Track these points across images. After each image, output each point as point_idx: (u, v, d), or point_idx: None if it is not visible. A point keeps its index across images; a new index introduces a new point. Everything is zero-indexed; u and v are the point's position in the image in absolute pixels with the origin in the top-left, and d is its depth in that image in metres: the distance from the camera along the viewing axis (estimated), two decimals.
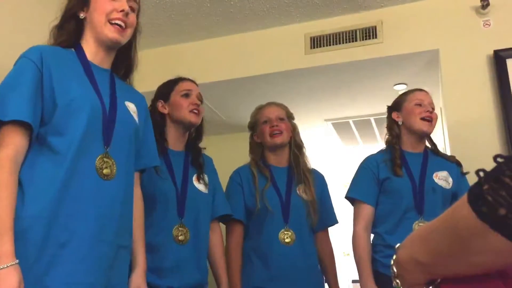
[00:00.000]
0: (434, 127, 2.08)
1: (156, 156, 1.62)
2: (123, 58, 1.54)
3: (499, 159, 0.41)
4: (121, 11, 1.40)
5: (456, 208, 0.45)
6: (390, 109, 2.18)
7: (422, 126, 2.03)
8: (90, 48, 1.43)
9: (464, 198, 0.43)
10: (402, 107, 2.12)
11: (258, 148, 2.22)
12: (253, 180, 2.11)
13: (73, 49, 1.43)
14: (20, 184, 1.22)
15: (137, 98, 1.57)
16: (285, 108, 2.25)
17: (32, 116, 1.24)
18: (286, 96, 3.32)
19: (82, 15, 1.42)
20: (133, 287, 1.45)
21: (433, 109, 2.08)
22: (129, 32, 1.46)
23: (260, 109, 2.26)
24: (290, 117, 2.25)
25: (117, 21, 1.41)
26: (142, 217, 1.55)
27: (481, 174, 0.43)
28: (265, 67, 3.15)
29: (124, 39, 1.45)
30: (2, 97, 1.24)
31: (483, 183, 0.41)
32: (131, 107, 1.49)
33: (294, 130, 2.23)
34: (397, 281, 0.55)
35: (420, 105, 2.06)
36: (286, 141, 2.17)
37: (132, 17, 1.45)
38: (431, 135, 2.16)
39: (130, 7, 1.44)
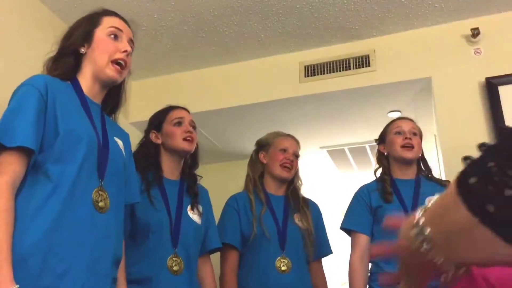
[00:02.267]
0: (418, 152, 2.09)
1: (137, 193, 1.63)
2: (112, 95, 1.57)
3: (482, 148, 0.42)
4: (124, 51, 1.46)
5: (447, 194, 0.45)
6: (378, 142, 2.22)
7: (402, 153, 2.06)
8: (86, 82, 1.46)
9: (452, 187, 0.43)
10: (385, 138, 2.17)
11: (259, 167, 2.22)
12: (250, 206, 2.10)
13: (69, 82, 1.45)
14: (15, 211, 1.21)
15: (123, 136, 1.59)
16: (299, 147, 2.29)
17: (35, 143, 1.25)
18: (281, 124, 3.34)
19: (83, 50, 1.45)
20: None
21: (415, 134, 2.10)
22: (125, 72, 1.51)
23: (281, 135, 2.29)
24: (299, 155, 2.29)
25: (119, 61, 1.46)
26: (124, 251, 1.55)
27: (468, 162, 0.43)
28: (260, 96, 3.17)
29: (121, 78, 1.50)
30: (8, 123, 1.25)
31: (471, 175, 0.41)
32: (120, 143, 1.52)
33: (297, 170, 2.27)
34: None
35: (399, 133, 2.10)
36: (291, 178, 2.20)
37: (129, 58, 1.50)
38: (427, 160, 2.17)
39: (131, 48, 1.51)
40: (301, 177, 2.31)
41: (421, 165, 2.16)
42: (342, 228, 2.13)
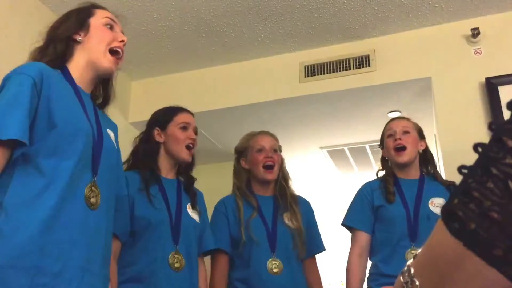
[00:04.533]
0: (411, 151, 2.05)
1: (124, 186, 1.61)
2: (102, 88, 1.54)
3: (463, 170, 0.40)
4: (121, 41, 1.45)
5: (435, 227, 0.42)
6: (381, 147, 2.21)
7: (395, 158, 2.05)
8: (78, 71, 1.42)
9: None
10: (383, 142, 2.16)
11: (244, 174, 2.19)
12: (238, 211, 2.07)
13: (58, 70, 1.40)
14: (4, 207, 1.18)
15: (113, 127, 1.55)
16: (277, 139, 2.25)
17: (28, 136, 1.21)
18: (281, 124, 3.34)
19: (79, 38, 1.42)
20: None
21: (407, 132, 2.07)
22: (120, 63, 1.48)
23: (253, 135, 2.24)
24: (280, 148, 2.25)
25: (117, 49, 1.44)
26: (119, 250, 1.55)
27: (451, 188, 0.41)
28: (260, 96, 3.17)
29: (115, 70, 1.47)
30: (3, 115, 1.21)
31: (453, 198, 0.39)
32: (112, 135, 1.49)
33: (282, 163, 2.23)
34: None
35: (391, 135, 2.08)
36: (277, 176, 2.16)
37: (124, 50, 1.48)
38: (432, 154, 2.16)
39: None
40: (288, 170, 2.26)
41: (426, 161, 2.12)
42: (343, 224, 2.13)
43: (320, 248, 2.23)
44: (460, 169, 0.40)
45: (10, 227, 1.16)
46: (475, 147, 0.40)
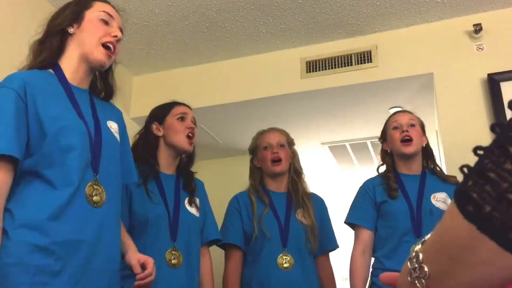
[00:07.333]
0: (418, 144, 2.06)
1: (135, 172, 1.61)
2: (101, 82, 1.53)
3: (479, 151, 0.38)
4: (114, 36, 1.42)
5: (447, 211, 0.41)
6: (381, 140, 2.21)
7: (402, 149, 2.05)
8: (71, 66, 1.40)
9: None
10: (386, 135, 2.16)
11: (257, 173, 2.23)
12: (251, 206, 2.10)
13: (51, 70, 1.39)
14: (10, 211, 1.20)
15: (116, 115, 1.54)
16: (286, 134, 2.27)
17: (19, 150, 1.20)
18: (282, 120, 3.33)
19: (71, 30, 1.40)
20: (135, 262, 1.43)
21: (413, 125, 2.08)
22: (113, 58, 1.46)
23: (261, 134, 2.28)
24: (290, 143, 2.27)
25: (108, 44, 1.41)
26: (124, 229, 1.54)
27: (465, 170, 0.39)
28: (261, 91, 3.17)
29: (109, 63, 1.45)
30: None
31: (467, 180, 0.38)
32: (114, 127, 1.47)
33: (294, 157, 2.25)
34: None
35: (396, 127, 2.09)
36: (286, 169, 2.19)
37: (118, 45, 1.46)
38: (432, 149, 2.16)
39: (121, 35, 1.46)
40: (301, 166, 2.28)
41: (427, 156, 2.13)
42: (346, 222, 2.13)
43: (333, 245, 2.24)
44: (475, 150, 0.38)
45: (14, 228, 1.18)
46: (493, 127, 0.38)
